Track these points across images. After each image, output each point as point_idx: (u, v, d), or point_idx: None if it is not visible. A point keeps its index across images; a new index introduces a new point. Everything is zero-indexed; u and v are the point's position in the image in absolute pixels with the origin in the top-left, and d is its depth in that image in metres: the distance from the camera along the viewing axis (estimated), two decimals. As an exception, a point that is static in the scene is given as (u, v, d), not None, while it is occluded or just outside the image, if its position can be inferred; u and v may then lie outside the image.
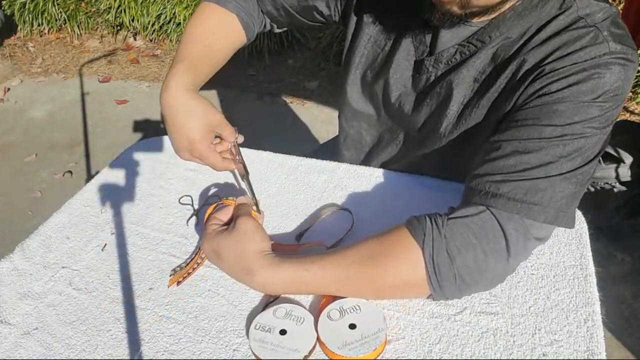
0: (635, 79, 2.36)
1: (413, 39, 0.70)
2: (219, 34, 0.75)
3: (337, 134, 0.98)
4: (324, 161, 0.80)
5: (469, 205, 0.55)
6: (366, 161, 0.87)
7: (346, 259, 0.54)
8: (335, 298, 0.55)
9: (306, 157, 0.82)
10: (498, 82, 0.62)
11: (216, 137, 0.66)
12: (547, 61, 0.57)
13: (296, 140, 2.27)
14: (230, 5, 0.75)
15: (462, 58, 0.65)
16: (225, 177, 0.78)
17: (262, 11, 0.81)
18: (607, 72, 0.53)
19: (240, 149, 0.70)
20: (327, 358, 0.50)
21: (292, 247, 0.63)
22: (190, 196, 0.74)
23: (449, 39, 0.66)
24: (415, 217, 0.56)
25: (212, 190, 0.75)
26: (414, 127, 0.74)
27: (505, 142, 0.56)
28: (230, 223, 0.61)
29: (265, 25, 0.84)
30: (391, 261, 0.53)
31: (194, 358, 0.51)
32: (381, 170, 0.77)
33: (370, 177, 0.76)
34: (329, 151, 0.94)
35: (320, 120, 2.38)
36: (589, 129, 0.53)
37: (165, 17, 3.12)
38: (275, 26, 0.85)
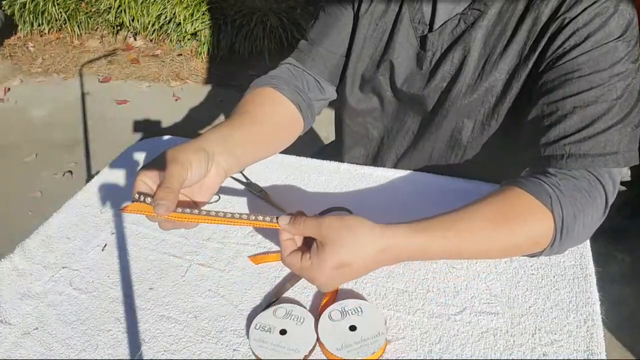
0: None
1: (411, 20, 0.71)
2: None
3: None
4: (325, 161, 0.80)
5: (559, 169, 0.57)
6: (377, 157, 0.86)
7: (477, 223, 0.53)
8: (336, 298, 0.55)
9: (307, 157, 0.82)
10: (514, 41, 0.64)
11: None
12: (561, 11, 0.59)
13: (296, 140, 2.27)
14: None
15: (467, 25, 0.67)
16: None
17: (319, 80, 0.78)
18: (618, 7, 0.57)
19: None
20: (326, 358, 0.50)
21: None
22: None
23: (449, 9, 0.68)
24: (524, 178, 0.56)
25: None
26: (425, 107, 0.74)
27: (560, 101, 0.58)
28: (309, 243, 0.53)
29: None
30: (521, 224, 0.53)
31: (194, 358, 0.51)
32: (382, 169, 0.77)
33: (371, 177, 0.76)
34: (332, 153, 0.93)
35: (320, 120, 2.38)
36: (627, 65, 0.57)
37: (166, 17, 3.12)
38: (334, 89, 0.82)
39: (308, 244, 0.53)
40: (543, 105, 0.60)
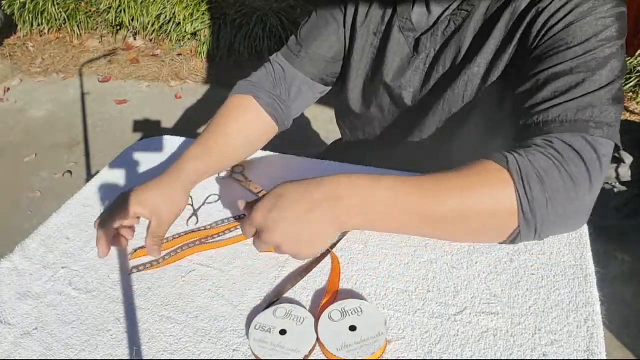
0: (636, 79, 2.36)
1: (400, 29, 0.73)
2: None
3: (338, 134, 0.99)
4: (325, 161, 0.80)
5: (527, 139, 0.54)
6: (378, 156, 0.87)
7: (443, 184, 0.51)
8: (336, 299, 0.55)
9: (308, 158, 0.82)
10: (493, 35, 0.65)
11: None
12: (536, 2, 0.60)
13: (296, 140, 2.27)
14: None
15: (457, 26, 0.68)
16: (224, 180, 0.78)
17: (311, 79, 0.82)
18: None
19: None
20: (326, 359, 0.50)
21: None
22: (190, 196, 0.73)
23: (439, 12, 0.70)
24: (486, 154, 0.54)
25: (211, 191, 0.75)
26: (420, 109, 0.75)
27: (533, 78, 0.58)
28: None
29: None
30: (480, 184, 0.51)
31: (194, 358, 0.51)
32: (381, 170, 0.77)
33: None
34: (338, 152, 0.95)
35: (320, 119, 2.38)
36: (606, 40, 0.56)
37: (165, 17, 3.12)
38: (327, 88, 0.85)
39: None
40: (519, 86, 0.60)
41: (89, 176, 2.16)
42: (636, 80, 2.35)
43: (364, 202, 0.52)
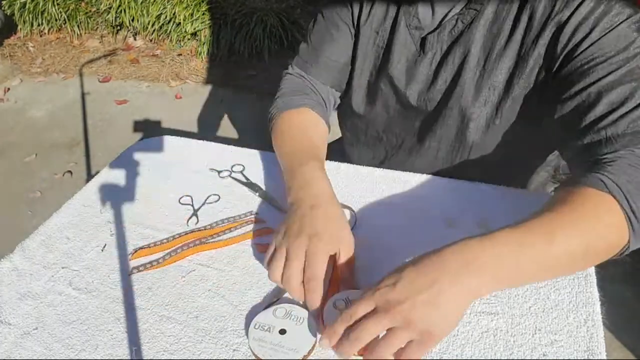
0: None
1: (407, 26, 0.72)
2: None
3: (337, 134, 0.98)
4: (325, 161, 0.80)
5: (602, 155, 0.53)
6: (385, 160, 0.86)
7: (554, 226, 0.47)
8: (337, 289, 0.55)
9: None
10: (512, 40, 0.63)
11: None
12: (556, 9, 0.59)
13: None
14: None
15: (465, 25, 0.67)
16: (224, 180, 0.78)
17: (329, 87, 0.81)
18: None
19: (241, 149, 0.69)
20: (326, 358, 0.50)
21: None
22: (190, 196, 0.74)
23: (446, 10, 0.68)
24: (569, 179, 0.53)
25: (211, 191, 0.75)
26: (430, 109, 0.74)
27: (583, 92, 0.57)
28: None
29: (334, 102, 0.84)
30: (592, 217, 0.48)
31: (194, 358, 0.51)
32: (382, 170, 0.77)
33: (372, 177, 0.75)
34: (336, 153, 0.94)
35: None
36: None
37: (165, 17, 3.12)
38: (338, 94, 0.84)
39: None
40: (567, 101, 0.59)
41: (89, 176, 2.16)
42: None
43: (491, 262, 0.46)
